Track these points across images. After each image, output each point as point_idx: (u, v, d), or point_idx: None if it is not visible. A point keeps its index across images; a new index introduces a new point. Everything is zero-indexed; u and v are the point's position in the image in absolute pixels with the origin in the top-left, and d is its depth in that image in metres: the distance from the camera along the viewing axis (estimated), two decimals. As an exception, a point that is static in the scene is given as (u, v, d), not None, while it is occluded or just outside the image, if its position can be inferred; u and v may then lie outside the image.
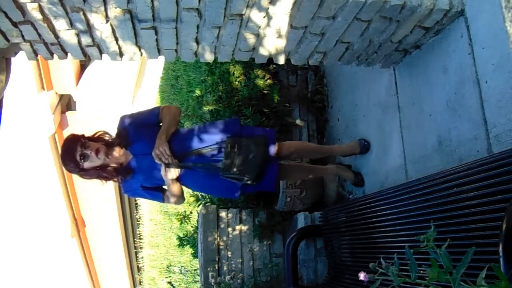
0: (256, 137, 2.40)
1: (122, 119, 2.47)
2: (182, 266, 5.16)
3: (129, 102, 7.32)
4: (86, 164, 2.27)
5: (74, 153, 2.25)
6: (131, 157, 2.40)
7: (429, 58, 2.19)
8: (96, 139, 2.39)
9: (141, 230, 6.70)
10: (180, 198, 2.49)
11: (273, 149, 2.48)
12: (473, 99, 1.85)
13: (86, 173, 2.34)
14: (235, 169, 2.29)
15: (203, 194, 3.87)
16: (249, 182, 2.35)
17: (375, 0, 1.86)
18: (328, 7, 1.89)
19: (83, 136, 2.35)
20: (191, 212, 4.28)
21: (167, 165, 2.30)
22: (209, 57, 2.23)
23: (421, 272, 0.91)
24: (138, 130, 2.41)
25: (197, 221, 3.89)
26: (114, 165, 2.37)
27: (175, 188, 2.41)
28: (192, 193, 3.81)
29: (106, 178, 2.39)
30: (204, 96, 3.80)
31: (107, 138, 2.42)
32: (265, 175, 2.43)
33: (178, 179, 2.40)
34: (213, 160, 2.37)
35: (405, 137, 2.42)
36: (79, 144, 2.27)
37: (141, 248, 6.56)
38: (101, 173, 2.35)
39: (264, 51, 2.19)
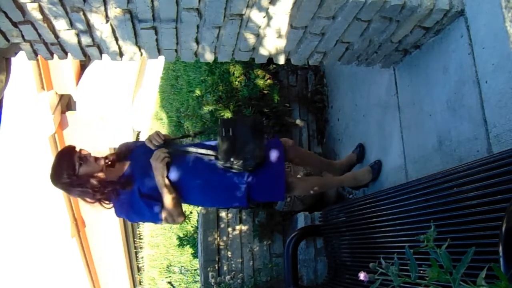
0: (251, 118, 2.33)
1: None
2: (182, 266, 5.16)
3: (129, 102, 7.32)
4: (82, 169, 2.13)
5: (72, 157, 2.14)
6: (128, 163, 2.30)
7: (429, 58, 2.19)
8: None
9: (141, 230, 6.69)
10: (178, 214, 2.28)
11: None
12: (473, 99, 1.85)
13: (77, 181, 2.14)
14: (233, 160, 2.21)
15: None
16: (250, 169, 2.25)
17: (375, 0, 1.86)
18: (328, 7, 1.89)
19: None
20: (191, 212, 4.28)
21: (159, 146, 2.22)
22: (209, 57, 2.23)
23: (421, 272, 0.91)
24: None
25: (197, 221, 3.89)
26: (111, 178, 2.23)
27: (168, 199, 2.22)
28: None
29: (99, 192, 2.19)
30: (204, 96, 3.79)
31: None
32: (265, 162, 2.31)
33: (178, 194, 2.27)
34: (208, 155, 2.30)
35: (405, 137, 2.42)
36: (77, 149, 2.19)
37: (141, 248, 6.56)
38: (94, 183, 2.16)
39: (264, 51, 2.19)
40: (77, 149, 2.21)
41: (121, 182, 2.23)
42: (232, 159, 2.22)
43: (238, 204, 2.38)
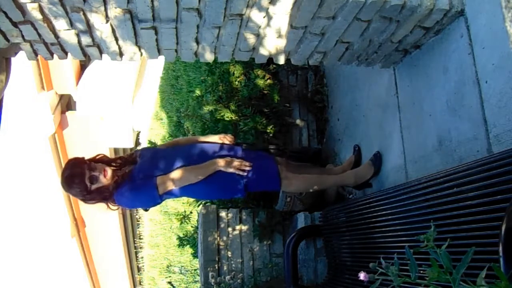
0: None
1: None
2: (182, 266, 5.16)
3: (129, 102, 7.32)
4: (94, 186, 2.23)
5: (83, 177, 2.22)
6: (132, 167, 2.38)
7: (429, 58, 2.19)
8: (99, 160, 2.37)
9: (141, 230, 6.69)
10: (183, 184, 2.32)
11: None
12: (473, 99, 1.85)
13: (91, 196, 2.26)
14: None
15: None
16: None
17: (375, 0, 1.86)
18: (328, 7, 1.89)
19: (86, 159, 2.33)
20: (191, 212, 4.28)
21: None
22: (209, 57, 2.23)
23: (421, 272, 0.91)
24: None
25: (197, 221, 3.89)
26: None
27: (206, 174, 2.31)
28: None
29: (108, 197, 2.29)
30: (204, 96, 3.79)
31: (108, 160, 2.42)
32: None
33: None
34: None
35: (405, 137, 2.42)
36: (85, 167, 2.24)
37: (141, 248, 6.56)
38: (105, 192, 2.27)
39: (264, 51, 2.19)
40: (87, 162, 2.28)
41: (121, 175, 2.32)
42: None
43: (237, 195, 2.49)
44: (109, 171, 2.29)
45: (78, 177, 2.22)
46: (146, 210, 2.58)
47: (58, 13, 1.81)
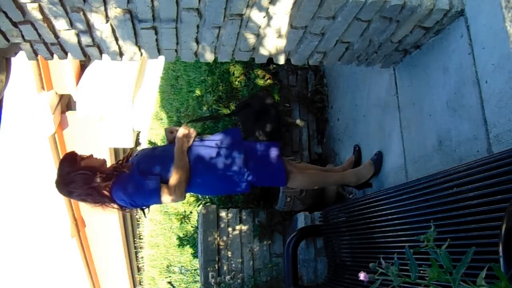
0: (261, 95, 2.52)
1: None
2: (182, 266, 5.16)
3: (129, 102, 7.32)
4: (84, 162, 2.23)
5: (75, 156, 2.26)
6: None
7: (429, 58, 2.19)
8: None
9: (141, 230, 6.69)
10: (181, 192, 2.26)
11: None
12: (473, 99, 1.85)
13: (78, 168, 2.20)
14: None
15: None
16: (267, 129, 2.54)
17: (375, 0, 1.86)
18: (328, 7, 1.89)
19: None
20: (191, 212, 4.28)
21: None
22: (209, 57, 2.23)
23: (421, 272, 0.91)
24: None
25: (197, 221, 3.89)
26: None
27: (180, 172, 2.22)
28: (192, 193, 3.80)
29: (99, 178, 2.21)
30: (204, 96, 3.80)
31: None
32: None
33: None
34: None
35: (405, 137, 2.42)
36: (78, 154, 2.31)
37: (141, 248, 6.56)
38: (95, 171, 2.21)
39: (264, 51, 2.19)
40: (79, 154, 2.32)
41: (120, 165, 2.32)
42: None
43: (240, 191, 2.45)
44: (102, 159, 2.32)
45: (68, 158, 2.27)
46: (145, 216, 2.52)
47: (58, 13, 1.82)
